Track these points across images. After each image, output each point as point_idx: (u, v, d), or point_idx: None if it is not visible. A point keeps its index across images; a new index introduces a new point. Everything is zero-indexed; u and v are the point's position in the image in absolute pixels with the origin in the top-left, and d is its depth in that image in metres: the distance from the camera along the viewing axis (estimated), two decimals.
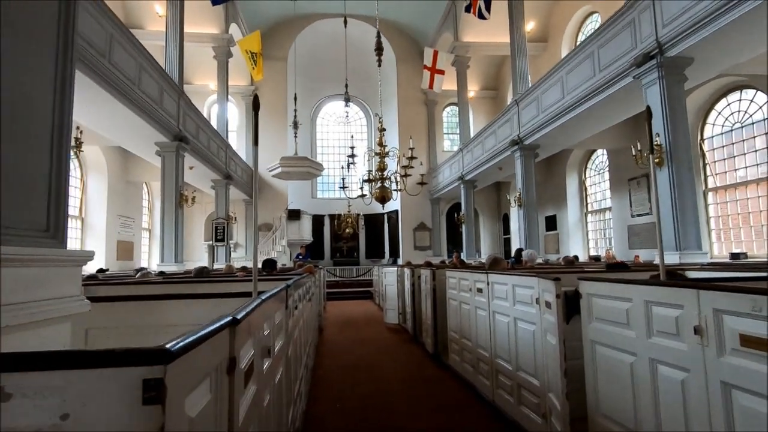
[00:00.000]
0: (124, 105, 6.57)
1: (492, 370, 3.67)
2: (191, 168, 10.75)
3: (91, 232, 11.16)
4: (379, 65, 7.10)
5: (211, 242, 13.37)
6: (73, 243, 10.65)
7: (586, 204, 12.69)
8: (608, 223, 11.73)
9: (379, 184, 5.89)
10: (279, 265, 15.21)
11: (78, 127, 5.08)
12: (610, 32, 6.57)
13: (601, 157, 12.06)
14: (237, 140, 17.18)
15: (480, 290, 4.11)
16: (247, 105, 17.36)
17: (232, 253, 17.09)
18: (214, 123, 13.19)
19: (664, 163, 5.47)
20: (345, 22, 14.25)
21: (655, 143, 5.53)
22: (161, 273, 6.61)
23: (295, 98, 14.51)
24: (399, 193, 6.52)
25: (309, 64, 17.81)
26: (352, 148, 6.31)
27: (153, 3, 11.77)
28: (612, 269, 3.67)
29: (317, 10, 16.37)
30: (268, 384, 1.61)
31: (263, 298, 1.57)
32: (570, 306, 2.57)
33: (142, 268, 5.98)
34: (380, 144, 6.09)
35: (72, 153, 5.16)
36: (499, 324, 3.58)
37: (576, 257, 8.30)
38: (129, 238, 12.70)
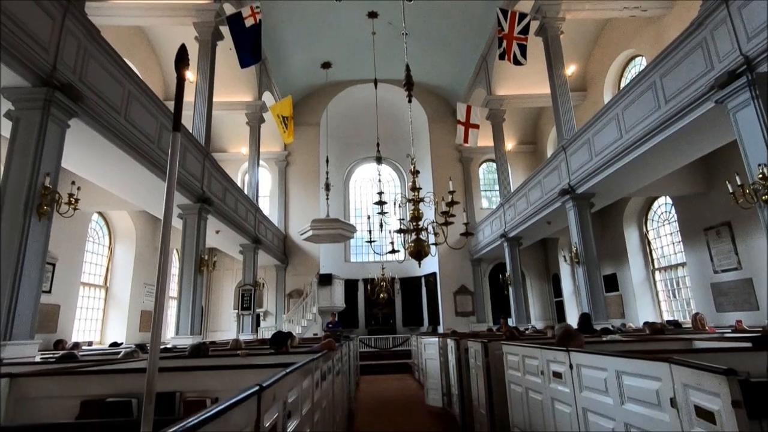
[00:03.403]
0: (141, 164, 6.21)
1: None
2: (217, 232, 10.30)
3: (114, 302, 10.67)
4: (410, 101, 6.45)
5: (238, 311, 12.60)
6: (94, 314, 10.16)
7: (652, 260, 11.13)
8: (683, 281, 10.10)
9: (413, 237, 4.87)
10: (311, 334, 14.22)
11: (74, 182, 4.59)
12: (673, 58, 5.72)
13: (664, 206, 10.72)
14: (269, 205, 17.01)
15: (558, 375, 2.98)
16: (280, 170, 17.36)
17: (261, 321, 16.20)
18: (246, 189, 12.99)
19: None
20: (375, 84, 14.32)
21: (759, 175, 4.41)
22: (166, 349, 5.79)
23: (327, 161, 14.28)
24: (437, 249, 5.50)
25: (341, 128, 17.92)
26: (380, 193, 5.37)
27: (186, 73, 12.13)
28: (763, 344, 2.48)
29: (349, 77, 16.69)
30: None
31: None
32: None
33: (138, 346, 5.20)
34: (413, 189, 5.13)
35: (70, 210, 4.64)
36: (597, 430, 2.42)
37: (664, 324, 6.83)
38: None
